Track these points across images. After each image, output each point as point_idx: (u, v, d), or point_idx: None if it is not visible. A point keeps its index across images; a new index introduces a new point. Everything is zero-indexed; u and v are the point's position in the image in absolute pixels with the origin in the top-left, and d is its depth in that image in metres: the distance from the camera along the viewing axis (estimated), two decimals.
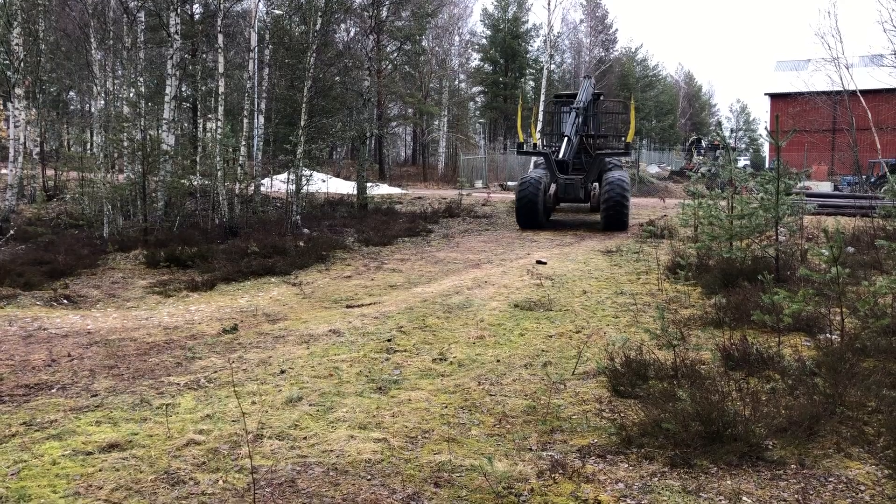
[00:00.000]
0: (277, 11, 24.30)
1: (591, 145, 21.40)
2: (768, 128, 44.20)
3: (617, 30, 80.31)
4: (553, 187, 18.75)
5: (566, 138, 20.03)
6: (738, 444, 4.51)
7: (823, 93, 34.45)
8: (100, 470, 4.30)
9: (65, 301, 10.33)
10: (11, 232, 15.47)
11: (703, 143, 43.35)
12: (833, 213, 18.08)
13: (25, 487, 4.07)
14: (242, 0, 25.90)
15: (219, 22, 17.00)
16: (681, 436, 4.62)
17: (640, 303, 9.15)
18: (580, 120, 20.70)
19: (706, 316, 8.04)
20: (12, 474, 4.26)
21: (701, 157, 39.31)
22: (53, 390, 6.05)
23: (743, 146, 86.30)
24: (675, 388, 5.28)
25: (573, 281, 10.93)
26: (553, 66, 57.28)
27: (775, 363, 6.07)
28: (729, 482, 4.19)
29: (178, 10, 17.19)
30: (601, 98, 22.87)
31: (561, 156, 19.47)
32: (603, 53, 62.14)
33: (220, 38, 16.92)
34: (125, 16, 18.75)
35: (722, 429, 4.59)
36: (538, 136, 23.13)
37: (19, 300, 10.12)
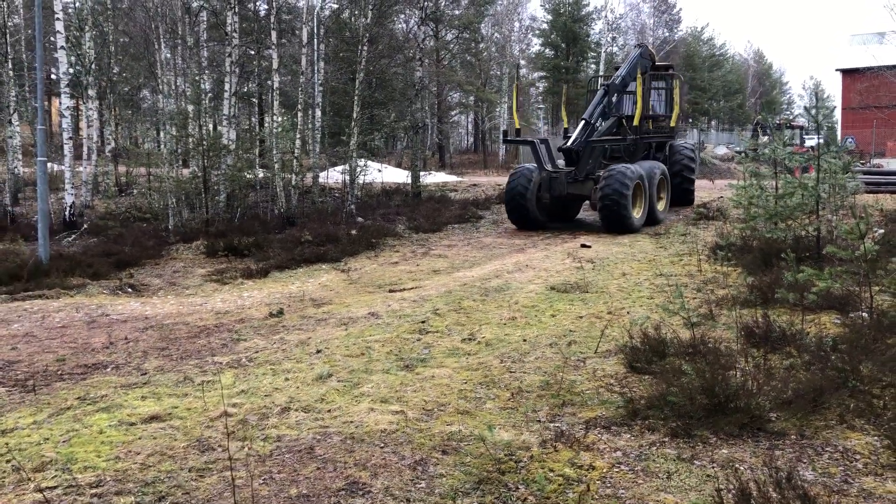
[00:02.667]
0: (333, 5, 24.86)
1: (639, 128, 17.28)
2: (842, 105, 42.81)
3: (681, 9, 78.26)
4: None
5: (583, 122, 16.57)
6: (739, 416, 4.64)
7: (893, 67, 33.14)
8: (139, 438, 4.73)
9: (129, 289, 10.99)
10: (85, 226, 16.41)
11: (770, 123, 42.19)
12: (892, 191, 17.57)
13: (73, 452, 4.52)
14: None
15: (272, 19, 17.54)
16: (685, 408, 4.78)
17: (677, 284, 9.21)
18: (612, 100, 17.34)
19: (740, 296, 8.07)
20: (63, 441, 4.72)
21: (767, 138, 38.31)
22: (108, 369, 6.56)
23: (823, 123, 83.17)
24: (687, 364, 5.42)
25: (614, 263, 11.03)
26: (615, 49, 56.66)
27: (797, 340, 6.13)
28: (725, 451, 4.34)
29: (236, 10, 17.79)
30: (647, 73, 17.86)
31: (570, 143, 16.05)
32: (667, 34, 61.02)
33: (274, 35, 17.46)
34: (187, 16, 19.51)
35: (725, 401, 4.73)
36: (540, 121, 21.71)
37: (88, 289, 10.81)
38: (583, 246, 12.84)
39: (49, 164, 14.99)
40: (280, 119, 19.71)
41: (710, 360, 5.50)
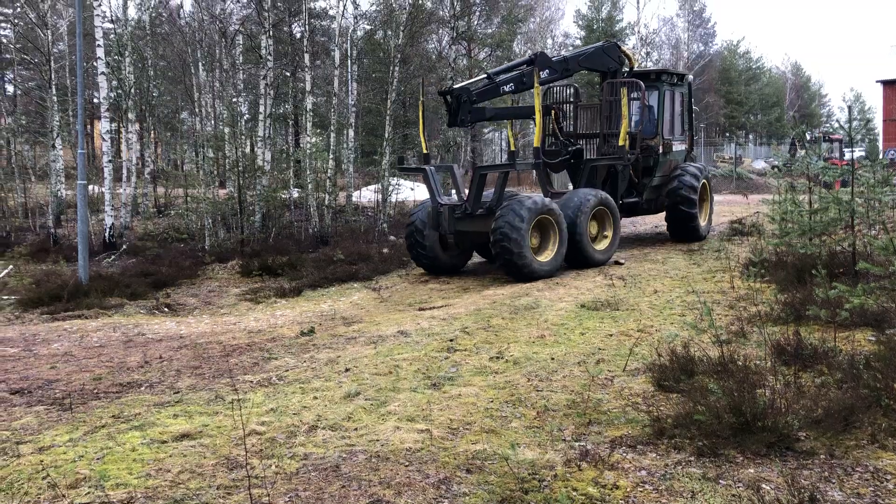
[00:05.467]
0: (366, 27, 25.21)
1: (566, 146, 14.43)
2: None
3: (716, 23, 77.95)
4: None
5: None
6: (767, 435, 4.59)
7: None
8: (170, 456, 4.82)
9: (165, 309, 11.20)
10: (124, 247, 16.78)
11: (808, 136, 41.62)
12: None
13: (107, 469, 4.63)
14: (332, 21, 26.93)
15: (306, 42, 17.85)
16: (712, 427, 4.74)
17: (708, 301, 9.13)
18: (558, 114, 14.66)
19: (772, 313, 7.97)
20: (97, 458, 4.83)
21: (804, 151, 37.77)
22: (142, 388, 6.70)
23: (859, 137, 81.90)
24: (714, 383, 5.37)
25: (646, 280, 10.96)
26: (649, 64, 56.46)
27: (828, 358, 6.04)
28: (751, 470, 4.29)
29: (270, 33, 18.14)
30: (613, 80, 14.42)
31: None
32: (702, 48, 60.72)
33: (308, 57, 17.76)
34: (223, 40, 19.95)
35: (752, 420, 4.68)
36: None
37: (125, 309, 11.05)
38: (616, 263, 12.78)
39: (90, 187, 15.39)
40: (314, 139, 19.99)
41: (738, 378, 5.45)
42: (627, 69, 15.06)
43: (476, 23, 38.05)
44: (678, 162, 15.42)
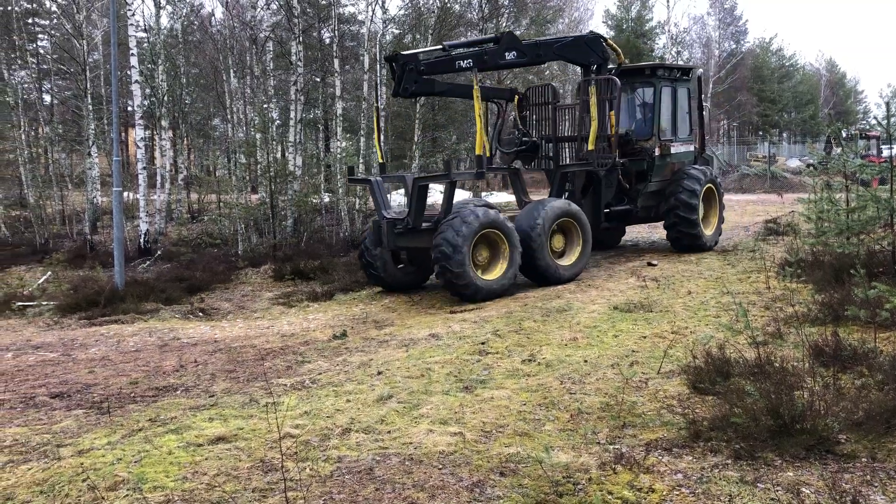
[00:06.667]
0: (395, 31, 25.29)
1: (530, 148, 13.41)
2: None
3: (747, 21, 76.99)
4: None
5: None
6: (806, 438, 4.51)
7: None
8: (206, 459, 4.87)
9: (199, 313, 11.33)
10: (159, 252, 17.02)
11: (844, 133, 40.89)
12: None
13: (144, 472, 4.69)
14: (361, 26, 27.10)
15: (335, 47, 17.96)
16: (749, 429, 4.67)
17: (744, 302, 9.00)
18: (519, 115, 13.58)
19: (809, 313, 7.84)
20: (135, 461, 4.89)
21: (840, 149, 37.11)
22: (178, 392, 6.78)
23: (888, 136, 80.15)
24: (751, 384, 5.29)
25: (680, 282, 10.85)
26: (680, 63, 55.94)
27: (869, 359, 5.92)
28: (790, 474, 4.22)
29: (300, 39, 18.29)
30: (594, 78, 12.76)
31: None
32: (733, 46, 60.02)
33: (337, 62, 17.87)
34: (254, 47, 20.15)
35: (791, 422, 4.60)
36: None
37: (161, 314, 11.20)
38: (649, 264, 12.67)
39: (125, 193, 15.63)
40: (344, 144, 20.11)
41: (775, 380, 5.36)
42: (615, 66, 13.82)
43: (504, 25, 37.97)
44: (683, 165, 14.11)
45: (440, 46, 12.06)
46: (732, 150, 53.91)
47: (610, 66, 13.53)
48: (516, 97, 13.42)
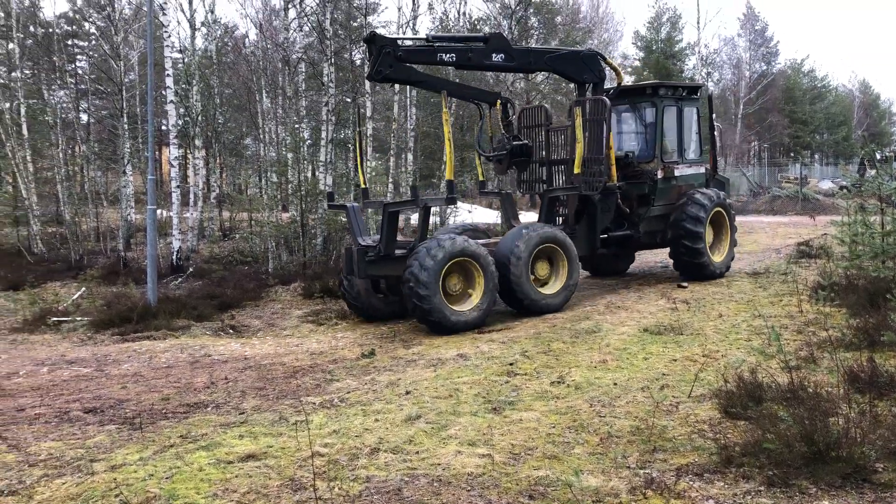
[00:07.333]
0: None
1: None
2: None
3: (778, 42, 76.36)
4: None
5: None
6: (841, 465, 4.44)
7: None
8: (236, 476, 4.91)
9: (230, 331, 11.44)
10: (190, 270, 17.22)
11: (878, 155, 40.33)
12: None
13: (175, 489, 4.74)
14: None
15: (365, 69, 18.14)
16: (783, 455, 4.60)
17: (776, 325, 8.89)
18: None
19: (843, 338, 7.72)
20: (166, 478, 4.95)
21: (874, 171, 36.58)
22: (209, 408, 6.84)
23: None
24: (783, 410, 5.22)
25: (710, 304, 10.75)
26: (710, 84, 55.75)
27: None
28: (826, 502, 4.16)
29: (332, 60, 18.53)
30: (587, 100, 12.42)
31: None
32: (764, 67, 59.72)
33: (368, 83, 18.04)
34: (286, 68, 20.44)
35: (825, 449, 4.53)
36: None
37: (192, 330, 11.32)
38: (679, 286, 12.57)
39: (158, 211, 15.87)
40: (374, 164, 20.26)
41: (809, 405, 5.28)
42: (614, 86, 13.34)
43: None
44: (691, 188, 13.39)
45: (425, 37, 11.51)
46: (763, 171, 53.38)
47: (607, 86, 13.09)
48: (498, 102, 12.56)
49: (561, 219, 12.76)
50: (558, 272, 11.50)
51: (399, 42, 10.96)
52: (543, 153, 13.12)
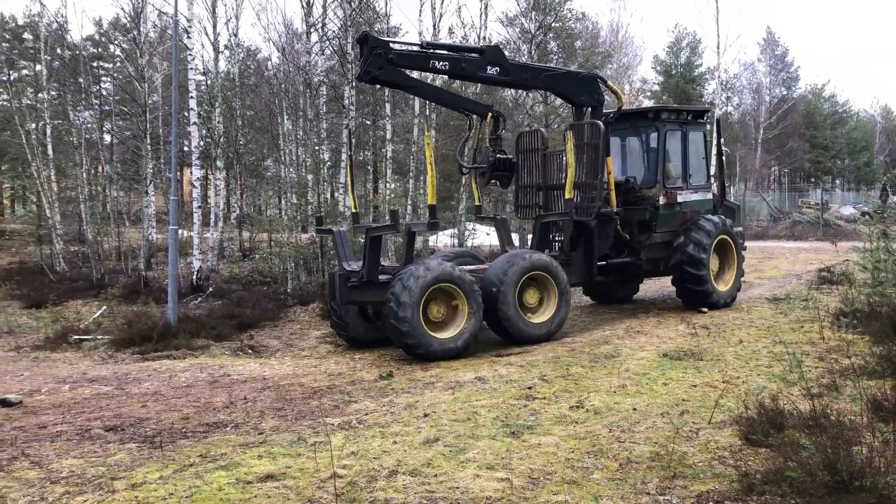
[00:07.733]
0: (445, 76, 25.68)
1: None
2: None
3: (799, 67, 76.06)
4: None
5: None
6: (865, 496, 4.38)
7: None
8: (255, 496, 4.92)
9: (249, 350, 11.49)
10: (210, 289, 17.34)
11: None
12: None
13: None
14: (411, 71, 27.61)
15: (386, 91, 18.32)
16: (805, 484, 4.56)
17: (797, 352, 8.81)
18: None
19: (866, 366, 7.64)
20: (186, 497, 4.97)
21: None
22: (228, 428, 6.87)
23: None
24: (805, 437, 5.17)
25: (731, 330, 10.67)
26: (730, 108, 55.64)
27: None
28: None
29: (353, 83, 18.72)
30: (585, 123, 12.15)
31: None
32: (784, 92, 59.55)
33: (388, 106, 18.20)
34: (308, 90, 20.66)
35: (849, 479, 4.48)
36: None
37: (211, 350, 11.38)
38: (699, 311, 12.48)
39: (179, 231, 16.04)
40: (393, 185, 20.38)
41: (831, 433, 5.23)
42: (615, 109, 12.84)
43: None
44: (696, 214, 13.03)
45: (419, 42, 11.53)
46: (784, 196, 53.07)
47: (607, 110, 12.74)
48: (490, 115, 12.08)
49: (557, 245, 12.56)
50: (548, 301, 11.14)
51: (391, 45, 10.80)
52: (540, 178, 12.82)
